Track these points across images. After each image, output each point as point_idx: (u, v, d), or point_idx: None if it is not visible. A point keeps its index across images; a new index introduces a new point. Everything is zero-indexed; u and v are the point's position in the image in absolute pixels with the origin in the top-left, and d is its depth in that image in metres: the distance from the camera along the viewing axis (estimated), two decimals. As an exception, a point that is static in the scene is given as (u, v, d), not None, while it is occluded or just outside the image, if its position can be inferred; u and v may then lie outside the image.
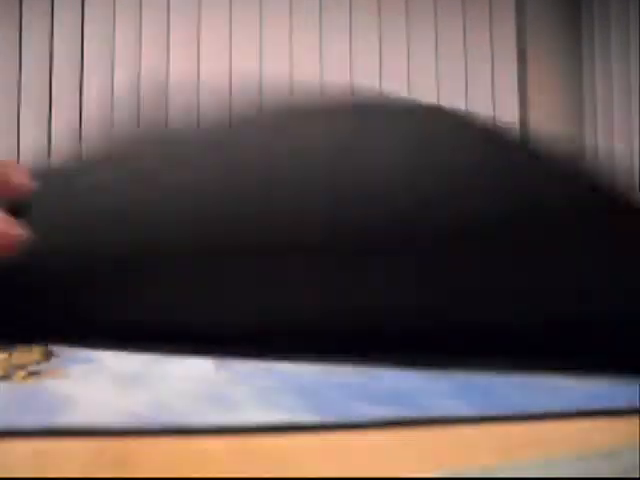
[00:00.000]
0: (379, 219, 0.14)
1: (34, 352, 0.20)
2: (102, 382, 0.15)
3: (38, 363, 0.18)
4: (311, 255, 0.13)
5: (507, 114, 2.36)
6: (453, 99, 2.34)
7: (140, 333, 0.13)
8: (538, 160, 0.19)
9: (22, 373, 0.16)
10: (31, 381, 0.15)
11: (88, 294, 0.13)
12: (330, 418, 0.12)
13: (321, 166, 0.14)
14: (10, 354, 0.20)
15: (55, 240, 0.15)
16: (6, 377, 0.16)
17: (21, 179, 0.19)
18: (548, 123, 2.37)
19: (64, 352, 0.20)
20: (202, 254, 0.14)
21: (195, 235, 0.14)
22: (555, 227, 0.16)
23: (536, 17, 2.35)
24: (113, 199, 0.15)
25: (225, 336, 0.13)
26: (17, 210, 0.16)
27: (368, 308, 0.13)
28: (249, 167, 0.14)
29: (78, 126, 2.14)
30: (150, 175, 0.16)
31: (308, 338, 0.13)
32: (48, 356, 0.19)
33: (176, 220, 0.14)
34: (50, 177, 0.16)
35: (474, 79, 2.31)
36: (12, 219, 0.16)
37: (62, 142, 2.10)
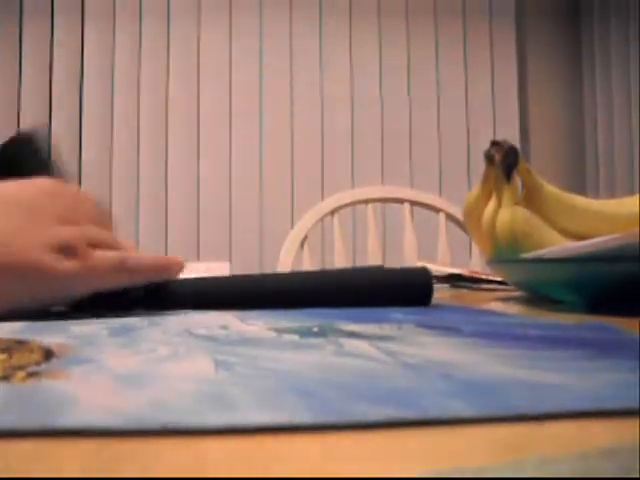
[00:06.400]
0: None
1: (34, 353, 0.20)
2: (102, 382, 0.15)
3: (38, 364, 0.18)
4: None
5: (507, 114, 2.36)
6: (453, 99, 2.34)
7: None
8: None
9: (22, 374, 0.16)
10: (31, 382, 0.15)
11: None
12: (330, 418, 0.12)
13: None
14: (10, 355, 0.20)
15: None
16: (6, 378, 0.16)
17: None
18: (548, 123, 2.37)
19: (64, 353, 0.20)
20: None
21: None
22: None
23: (536, 21, 2.35)
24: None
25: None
26: None
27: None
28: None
29: (78, 126, 2.14)
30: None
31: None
32: (48, 357, 0.19)
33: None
34: None
35: (474, 79, 2.31)
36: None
37: (62, 143, 2.10)
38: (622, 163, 2.29)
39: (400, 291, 0.41)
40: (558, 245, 0.50)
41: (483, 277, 0.73)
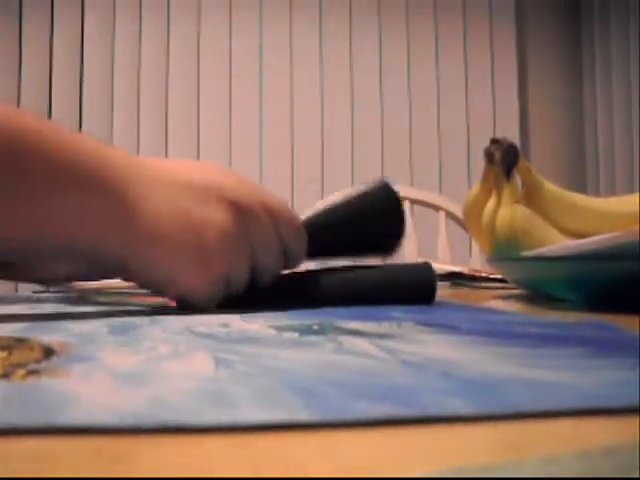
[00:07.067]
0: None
1: (34, 351, 0.20)
2: (102, 380, 0.15)
3: (38, 362, 0.18)
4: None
5: (507, 112, 2.35)
6: (453, 97, 2.34)
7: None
8: None
9: (22, 372, 0.16)
10: (31, 380, 0.15)
11: None
12: (329, 416, 0.12)
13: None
14: (10, 352, 0.20)
15: None
16: (5, 376, 0.16)
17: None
18: (548, 123, 2.37)
19: (65, 351, 0.20)
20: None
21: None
22: None
23: (536, 20, 2.35)
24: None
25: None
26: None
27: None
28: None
29: (78, 122, 2.14)
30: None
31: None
32: (48, 355, 0.19)
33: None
34: None
35: (474, 78, 2.31)
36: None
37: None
38: (622, 163, 2.28)
39: (404, 289, 0.41)
40: (558, 243, 0.50)
41: (483, 275, 0.73)
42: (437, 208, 1.41)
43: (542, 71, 2.52)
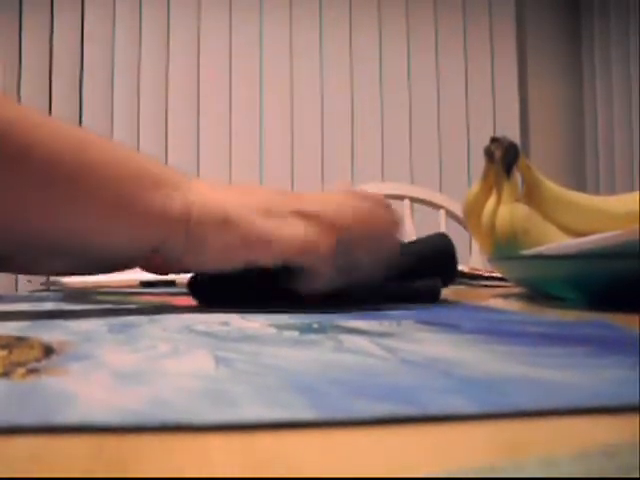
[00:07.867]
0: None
1: (34, 349, 0.20)
2: (101, 379, 0.15)
3: (38, 360, 0.18)
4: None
5: (507, 111, 2.35)
6: (453, 94, 2.33)
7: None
8: None
9: (22, 370, 0.16)
10: (31, 378, 0.15)
11: None
12: (330, 415, 0.12)
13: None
14: (10, 351, 0.20)
15: None
16: (5, 374, 0.16)
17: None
18: (548, 120, 2.37)
19: (64, 349, 0.20)
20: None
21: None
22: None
23: (536, 15, 2.34)
24: None
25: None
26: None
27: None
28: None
29: (78, 119, 2.13)
30: None
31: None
32: (48, 353, 0.19)
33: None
34: None
35: (474, 74, 2.30)
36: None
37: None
38: (622, 162, 2.28)
39: (410, 291, 0.42)
40: (558, 242, 0.49)
41: (484, 274, 0.73)
42: (437, 206, 1.41)
43: (542, 67, 2.51)
